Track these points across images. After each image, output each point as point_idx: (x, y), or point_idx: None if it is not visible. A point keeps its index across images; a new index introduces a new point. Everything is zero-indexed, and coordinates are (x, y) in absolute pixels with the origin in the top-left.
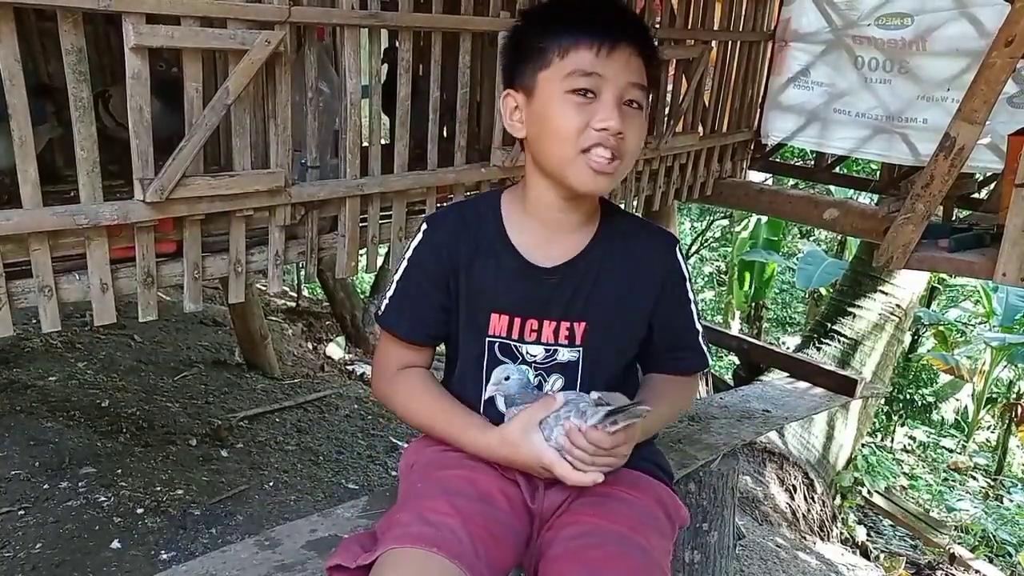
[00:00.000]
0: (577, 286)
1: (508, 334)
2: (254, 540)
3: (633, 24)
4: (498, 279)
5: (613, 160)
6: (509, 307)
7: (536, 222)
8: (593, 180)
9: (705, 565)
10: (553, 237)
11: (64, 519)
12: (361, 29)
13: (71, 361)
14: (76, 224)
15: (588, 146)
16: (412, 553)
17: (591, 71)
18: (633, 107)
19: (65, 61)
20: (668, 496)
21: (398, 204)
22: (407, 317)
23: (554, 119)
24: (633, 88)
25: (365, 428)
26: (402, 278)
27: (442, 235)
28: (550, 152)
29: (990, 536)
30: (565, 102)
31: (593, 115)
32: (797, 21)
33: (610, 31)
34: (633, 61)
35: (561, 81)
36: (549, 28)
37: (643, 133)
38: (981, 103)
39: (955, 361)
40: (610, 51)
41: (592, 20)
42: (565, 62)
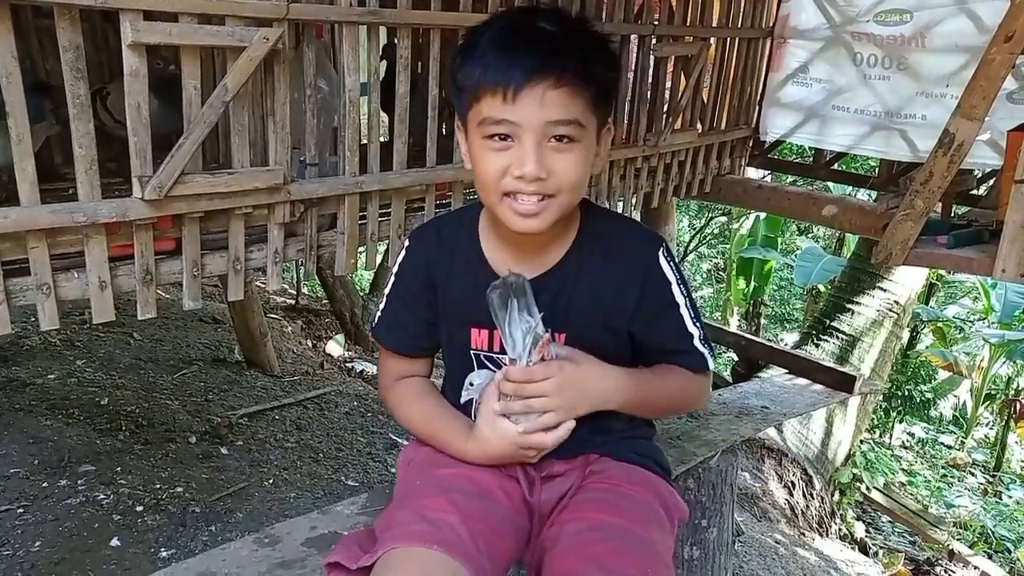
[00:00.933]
0: (555, 297)
1: (489, 347)
2: (254, 537)
3: (546, 53)
4: (475, 295)
5: (543, 200)
6: (487, 320)
7: (508, 242)
8: (522, 222)
9: (704, 561)
10: (526, 253)
11: (63, 517)
12: (360, 26)
13: (70, 359)
14: (74, 222)
15: (509, 191)
16: (413, 551)
17: (500, 119)
18: (563, 142)
19: (62, 58)
20: (667, 491)
21: (397, 201)
22: (396, 330)
23: (477, 166)
24: (554, 126)
25: (365, 425)
26: (390, 292)
27: (422, 252)
28: (481, 194)
29: (989, 532)
30: (484, 148)
31: (511, 160)
32: (796, 18)
33: (516, 70)
34: (549, 97)
35: (477, 127)
36: (463, 68)
37: (581, 162)
38: (980, 99)
39: (954, 357)
40: (516, 95)
41: (498, 59)
42: (478, 108)
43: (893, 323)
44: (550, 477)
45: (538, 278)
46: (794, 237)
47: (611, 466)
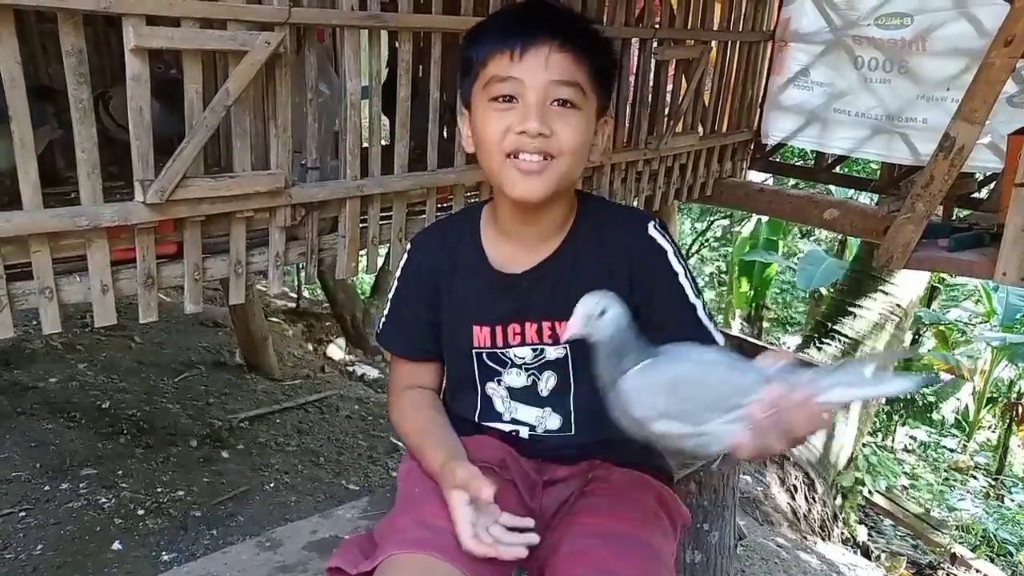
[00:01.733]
0: (553, 285)
1: (492, 343)
2: (255, 541)
3: (553, 20)
4: (476, 293)
5: (545, 159)
6: (489, 318)
7: (508, 235)
8: (523, 182)
9: (706, 565)
10: (525, 247)
11: (65, 521)
12: (361, 30)
13: (72, 362)
14: (76, 226)
15: (512, 150)
16: (413, 558)
17: (506, 76)
18: (566, 107)
19: (65, 63)
20: (669, 496)
21: (398, 205)
22: (401, 334)
23: (481, 129)
24: (558, 86)
25: (366, 429)
26: (394, 297)
27: (424, 255)
28: (485, 163)
29: (991, 536)
30: (488, 111)
31: (515, 120)
32: (797, 21)
33: (522, 32)
34: (554, 58)
35: (483, 91)
36: (474, 41)
37: (582, 128)
38: (980, 103)
39: (956, 360)
40: (523, 52)
41: (507, 24)
42: (485, 71)
43: (895, 326)
44: (551, 482)
45: (535, 268)
46: (796, 240)
47: (613, 471)
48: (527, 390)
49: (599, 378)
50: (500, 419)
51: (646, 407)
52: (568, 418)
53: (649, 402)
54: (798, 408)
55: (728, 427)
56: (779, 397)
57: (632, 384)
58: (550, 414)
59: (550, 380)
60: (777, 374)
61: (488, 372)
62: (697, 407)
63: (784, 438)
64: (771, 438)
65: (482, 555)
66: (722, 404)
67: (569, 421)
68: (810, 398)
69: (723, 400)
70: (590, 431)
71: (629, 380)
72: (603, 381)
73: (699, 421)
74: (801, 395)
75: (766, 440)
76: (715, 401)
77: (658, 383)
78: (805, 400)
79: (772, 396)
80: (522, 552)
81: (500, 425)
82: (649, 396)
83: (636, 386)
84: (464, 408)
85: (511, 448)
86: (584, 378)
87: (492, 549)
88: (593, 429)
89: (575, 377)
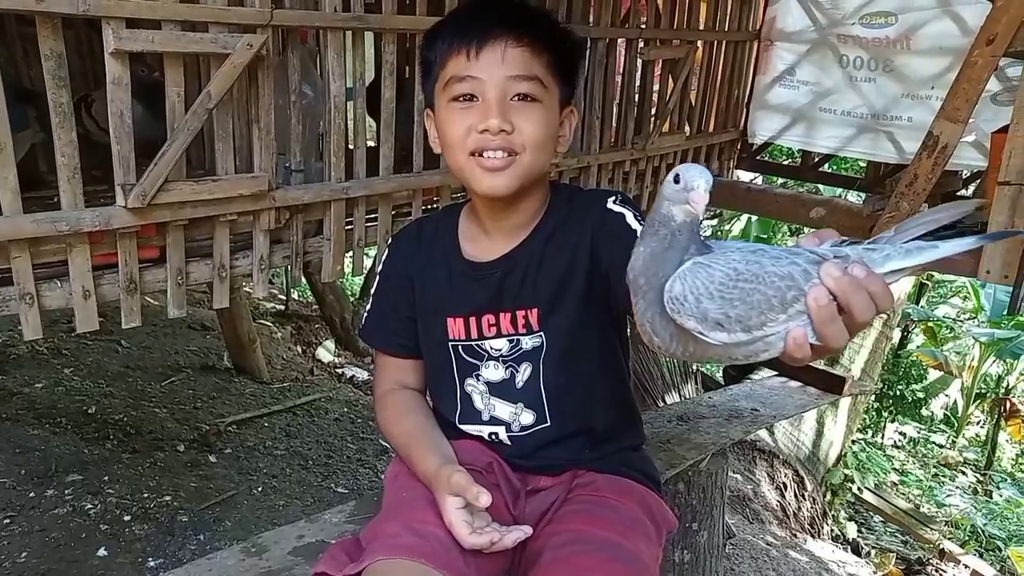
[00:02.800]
0: (523, 273)
1: (467, 335)
2: (240, 547)
3: (507, 15)
4: (449, 284)
5: (509, 156)
6: (462, 309)
7: (483, 228)
8: (488, 179)
9: (695, 565)
10: (499, 239)
11: (50, 527)
12: (345, 32)
13: (57, 367)
14: (57, 231)
15: (475, 148)
16: (399, 564)
17: (464, 75)
18: (527, 101)
19: (44, 67)
20: (655, 502)
21: (384, 207)
22: (382, 329)
23: (444, 129)
24: (516, 81)
25: (355, 431)
26: (375, 292)
27: (402, 250)
28: (451, 162)
29: (979, 531)
30: (450, 111)
31: (476, 118)
32: (782, 20)
33: (477, 30)
34: (510, 53)
35: (444, 91)
36: (431, 42)
37: (544, 121)
38: (963, 102)
39: (944, 357)
40: (479, 50)
41: (463, 23)
42: (444, 71)
43: (883, 324)
44: (535, 491)
45: (504, 256)
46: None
47: (598, 479)
48: (505, 384)
49: (640, 289)
50: (479, 419)
51: (696, 316)
52: (541, 409)
53: (699, 311)
54: (858, 289)
55: (785, 327)
56: (837, 279)
57: (678, 291)
58: (523, 409)
59: (526, 371)
60: (829, 253)
61: (466, 367)
62: (752, 309)
63: (846, 327)
64: (833, 329)
65: (483, 546)
66: (779, 301)
67: (543, 412)
68: (868, 273)
69: (780, 296)
70: (566, 418)
71: (675, 286)
72: (644, 292)
73: (756, 325)
74: (858, 272)
75: (828, 332)
76: (770, 299)
77: (708, 288)
78: (867, 277)
79: (830, 280)
80: (522, 534)
81: (479, 428)
82: (697, 304)
83: (683, 293)
84: (444, 410)
85: (496, 455)
86: (553, 362)
87: (495, 535)
88: (568, 416)
89: (552, 366)
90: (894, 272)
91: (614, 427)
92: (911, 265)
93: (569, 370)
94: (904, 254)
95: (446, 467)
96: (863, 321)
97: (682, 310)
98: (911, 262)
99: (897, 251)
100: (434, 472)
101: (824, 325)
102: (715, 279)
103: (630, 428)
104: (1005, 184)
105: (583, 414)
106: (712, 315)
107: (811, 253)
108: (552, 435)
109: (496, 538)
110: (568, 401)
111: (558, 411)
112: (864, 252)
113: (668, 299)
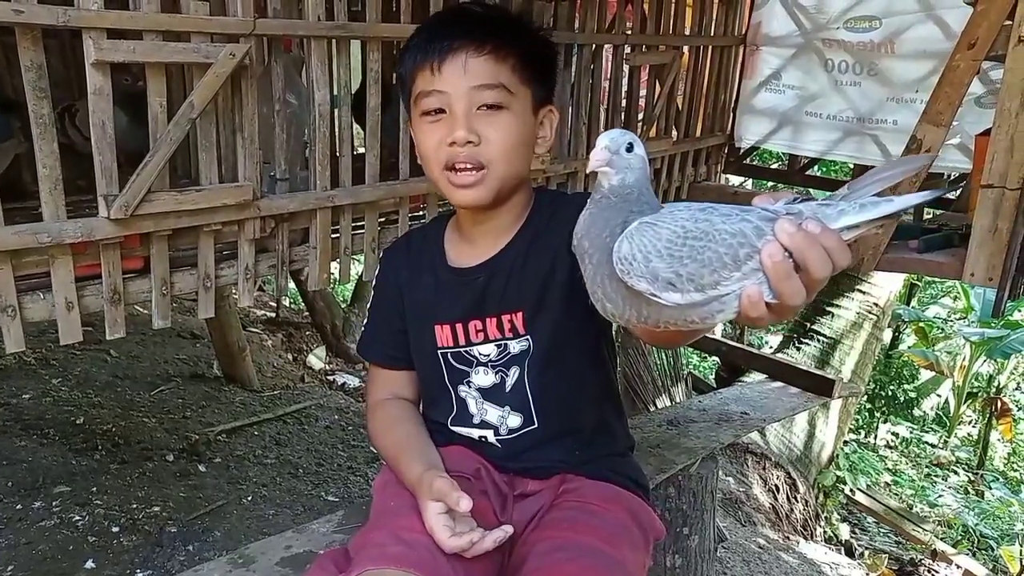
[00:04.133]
0: (507, 277)
1: (455, 342)
2: (227, 558)
3: (467, 25)
4: (435, 292)
5: (479, 170)
6: (448, 316)
7: (468, 235)
8: (460, 194)
9: (686, 569)
10: (483, 245)
11: (37, 540)
12: (329, 40)
13: (45, 378)
14: (39, 243)
15: (447, 162)
16: (389, 574)
17: (431, 90)
18: (492, 110)
19: (24, 78)
20: (642, 509)
21: (370, 215)
22: (376, 343)
23: (419, 143)
24: (480, 91)
25: (345, 439)
26: (370, 307)
27: (392, 263)
28: (428, 174)
29: (971, 530)
30: (421, 125)
31: (445, 131)
32: (767, 25)
33: (440, 43)
34: (472, 64)
35: (415, 106)
36: (402, 57)
37: (513, 128)
38: (946, 105)
39: (935, 357)
40: (440, 64)
41: (426, 39)
42: (414, 87)
43: (873, 325)
44: (523, 496)
45: (487, 262)
46: None
47: (585, 484)
48: (495, 389)
49: (585, 253)
50: (471, 422)
51: (647, 277)
52: (528, 411)
53: (648, 270)
54: (813, 244)
55: (740, 285)
56: (791, 235)
57: (626, 250)
58: (510, 413)
59: (515, 375)
60: (783, 210)
61: (457, 374)
62: (704, 267)
63: (804, 285)
64: (790, 286)
65: (463, 547)
66: (731, 258)
67: (530, 415)
68: (824, 229)
69: (732, 252)
70: (553, 420)
71: (623, 246)
72: (590, 256)
73: (709, 284)
74: (813, 227)
75: (785, 289)
76: (722, 256)
77: (656, 245)
78: (822, 232)
79: (784, 236)
80: (503, 534)
81: (470, 430)
82: (646, 263)
83: (631, 252)
84: (439, 413)
85: (484, 459)
86: (539, 364)
87: (475, 534)
88: (555, 417)
89: (540, 369)
90: (849, 228)
91: (601, 429)
92: (866, 219)
93: (555, 371)
94: (859, 209)
95: (429, 473)
96: (820, 278)
97: (631, 270)
98: (866, 216)
99: (851, 206)
100: (417, 479)
101: (780, 282)
102: (662, 237)
103: (618, 431)
104: (988, 187)
105: (570, 415)
106: (663, 274)
107: (763, 210)
108: (539, 437)
109: (476, 538)
110: (554, 403)
111: (544, 413)
112: (818, 208)
113: (616, 259)
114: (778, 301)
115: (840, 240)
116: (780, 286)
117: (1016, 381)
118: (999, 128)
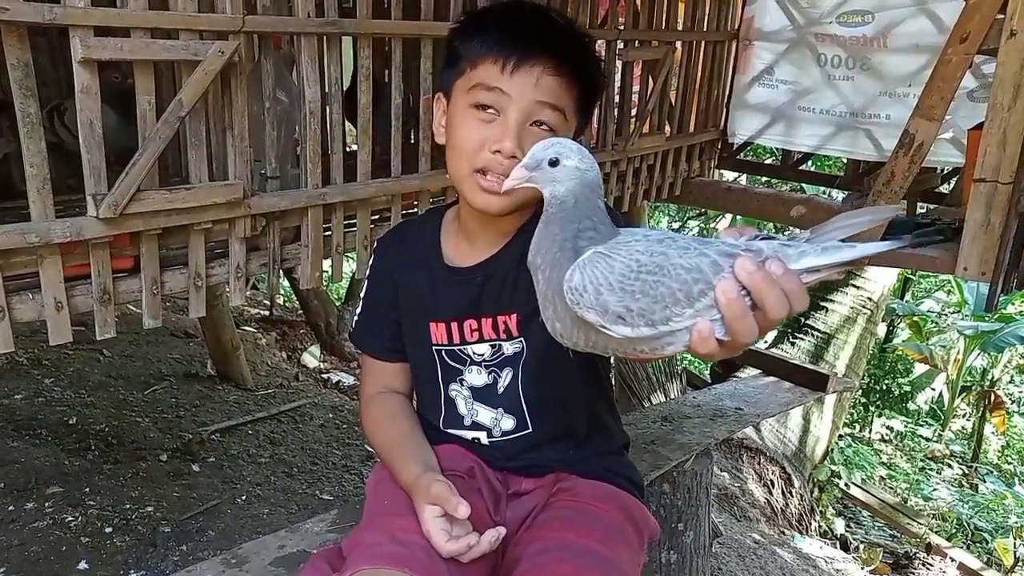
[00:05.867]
0: (503, 279)
1: (449, 340)
2: (220, 558)
3: (551, 36)
4: (431, 289)
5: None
6: (444, 314)
7: (468, 234)
8: (484, 199)
9: (681, 565)
10: (482, 245)
11: (30, 541)
12: (320, 37)
13: (37, 378)
14: (26, 243)
15: (482, 167)
16: (383, 573)
17: (494, 86)
18: (542, 128)
19: (11, 76)
20: (637, 508)
21: (362, 212)
22: (370, 333)
23: (456, 132)
24: (542, 108)
25: (340, 438)
26: (364, 296)
27: (386, 253)
28: (451, 164)
29: (966, 524)
30: (467, 116)
31: (491, 134)
32: (760, 20)
33: (519, 44)
34: (545, 80)
35: (467, 93)
36: (467, 35)
37: None
38: (938, 99)
39: (929, 351)
40: (516, 67)
41: (505, 32)
42: (473, 74)
43: (867, 319)
44: (517, 495)
45: (485, 262)
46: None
47: (579, 483)
48: (488, 389)
49: (538, 269)
50: (462, 423)
51: (595, 309)
52: (521, 414)
53: (599, 303)
54: (773, 285)
55: (692, 321)
56: (751, 274)
57: (577, 281)
58: (503, 415)
59: (508, 377)
60: (742, 246)
61: (450, 372)
62: (656, 303)
63: (758, 323)
64: (744, 325)
65: (460, 551)
66: (684, 295)
67: (524, 418)
68: (785, 270)
69: (685, 289)
70: (547, 424)
71: (575, 277)
72: (543, 271)
73: (660, 320)
74: (775, 268)
75: (738, 328)
76: (675, 292)
77: (608, 278)
78: (780, 273)
79: (743, 274)
80: (497, 534)
81: (462, 432)
82: (596, 296)
83: (583, 284)
84: (429, 413)
85: (478, 457)
86: (533, 367)
87: (472, 538)
88: (549, 421)
89: (533, 373)
90: (809, 271)
91: (596, 428)
92: (827, 264)
93: (549, 375)
94: (820, 252)
95: (426, 475)
96: (775, 319)
97: (582, 301)
98: (827, 260)
99: (814, 249)
100: (414, 480)
101: (735, 320)
102: (615, 269)
103: (612, 429)
104: (981, 181)
105: (564, 419)
106: (612, 308)
107: (723, 244)
108: (534, 440)
109: (473, 541)
110: (548, 406)
111: (538, 417)
112: (780, 247)
113: (567, 288)
114: (730, 339)
115: (800, 284)
116: (734, 324)
117: (1010, 374)
118: (991, 122)
